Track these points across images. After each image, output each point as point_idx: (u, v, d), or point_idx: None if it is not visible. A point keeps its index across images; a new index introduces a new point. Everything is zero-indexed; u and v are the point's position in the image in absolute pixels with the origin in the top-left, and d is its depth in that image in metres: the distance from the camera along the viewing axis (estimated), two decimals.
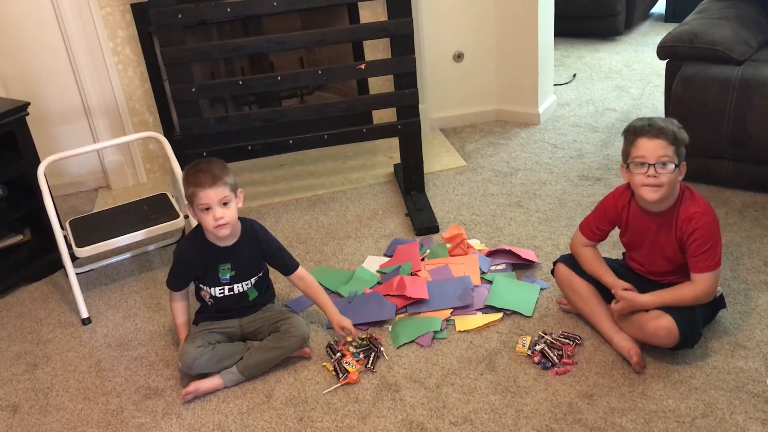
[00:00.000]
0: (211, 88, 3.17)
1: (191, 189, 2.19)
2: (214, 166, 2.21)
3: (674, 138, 2.04)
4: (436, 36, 3.76)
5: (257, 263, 2.36)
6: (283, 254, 2.41)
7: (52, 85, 3.48)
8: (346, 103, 3.20)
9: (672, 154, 2.03)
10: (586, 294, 2.28)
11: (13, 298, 2.87)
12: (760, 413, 1.94)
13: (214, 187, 2.17)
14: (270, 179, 3.60)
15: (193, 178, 2.19)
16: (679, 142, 2.05)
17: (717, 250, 2.08)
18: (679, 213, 2.10)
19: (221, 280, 2.31)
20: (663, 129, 2.04)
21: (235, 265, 2.31)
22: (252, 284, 2.36)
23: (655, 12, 5.67)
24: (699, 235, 2.06)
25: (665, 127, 2.05)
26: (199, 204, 2.18)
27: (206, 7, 2.81)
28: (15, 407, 2.29)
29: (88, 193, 3.72)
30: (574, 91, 4.29)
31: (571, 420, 1.98)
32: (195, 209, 2.21)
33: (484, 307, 2.46)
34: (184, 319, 2.40)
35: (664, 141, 2.04)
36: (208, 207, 2.18)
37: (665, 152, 2.03)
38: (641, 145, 2.06)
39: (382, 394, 2.16)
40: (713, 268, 2.07)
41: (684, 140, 2.07)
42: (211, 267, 2.29)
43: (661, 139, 2.04)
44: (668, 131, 2.04)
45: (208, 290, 2.33)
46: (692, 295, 2.09)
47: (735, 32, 3.03)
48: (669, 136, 2.03)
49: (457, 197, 3.24)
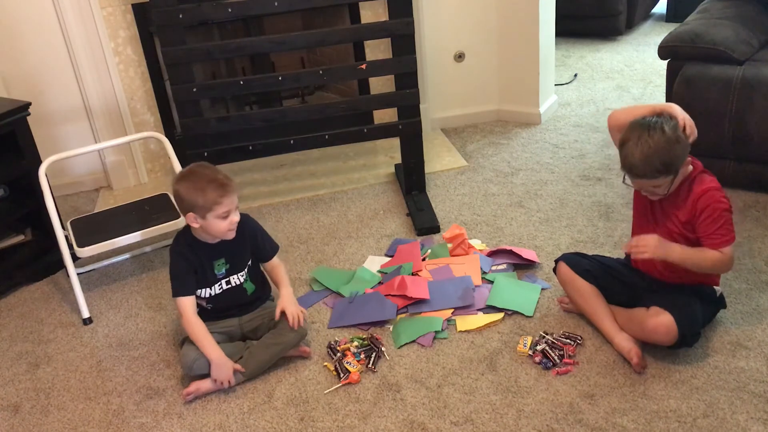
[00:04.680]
0: (212, 88, 3.17)
1: (211, 197, 2.12)
2: (216, 172, 2.18)
3: (659, 170, 1.99)
4: (437, 36, 3.76)
5: (245, 249, 2.34)
6: (264, 237, 2.39)
7: (54, 86, 3.48)
8: (347, 103, 3.20)
9: (662, 180, 2.02)
10: (588, 293, 2.28)
11: (15, 298, 2.88)
12: (761, 413, 1.94)
13: (234, 192, 2.16)
14: (271, 179, 3.60)
15: (210, 187, 2.13)
16: (670, 166, 2.00)
17: (729, 223, 2.06)
18: (692, 189, 2.09)
19: (217, 276, 2.30)
20: (644, 174, 2.01)
21: (229, 258, 2.30)
22: (246, 275, 2.35)
23: (656, 12, 5.66)
24: (709, 211, 2.05)
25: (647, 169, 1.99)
26: (221, 212, 2.15)
27: (207, 7, 2.81)
28: (16, 407, 2.29)
29: (89, 193, 3.72)
30: (575, 91, 4.29)
31: (572, 420, 1.98)
32: (207, 216, 2.15)
33: (485, 307, 2.46)
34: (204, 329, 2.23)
35: (648, 179, 2.03)
36: (228, 213, 2.17)
37: (654, 183, 2.04)
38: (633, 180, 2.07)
39: (383, 394, 2.16)
40: (729, 242, 2.06)
41: (675, 158, 2.00)
42: (206, 265, 2.28)
43: (646, 178, 2.03)
44: (650, 171, 1.99)
45: (205, 291, 2.31)
46: (712, 261, 2.07)
47: (736, 32, 3.03)
48: (653, 174, 2.00)
49: (458, 197, 3.24)
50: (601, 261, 2.35)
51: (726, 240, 2.06)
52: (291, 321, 2.25)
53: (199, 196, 2.14)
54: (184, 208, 2.20)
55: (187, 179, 2.19)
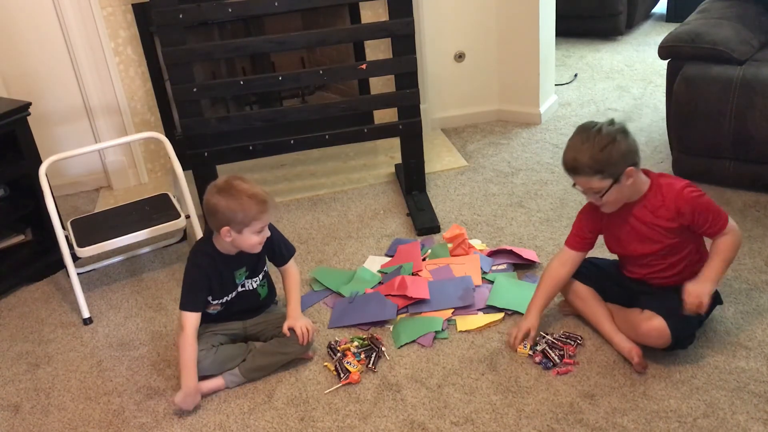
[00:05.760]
0: (212, 88, 3.17)
1: (251, 213, 2.07)
2: (253, 186, 2.12)
3: (592, 168, 1.98)
4: (437, 36, 3.76)
5: (263, 255, 2.33)
6: (280, 240, 2.37)
7: (54, 85, 3.48)
8: (347, 103, 3.20)
9: (598, 181, 2.00)
10: (586, 296, 2.29)
11: (15, 298, 2.88)
12: (761, 413, 1.94)
13: (273, 207, 2.14)
14: (271, 179, 3.60)
15: (251, 202, 2.07)
16: (603, 165, 1.97)
17: (716, 206, 2.07)
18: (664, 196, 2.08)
19: (237, 284, 2.29)
20: (575, 168, 2.00)
21: (249, 266, 2.29)
22: (260, 279, 2.34)
23: (656, 12, 5.66)
24: (697, 208, 2.05)
25: (578, 162, 1.99)
26: (258, 227, 2.11)
27: (207, 8, 2.81)
28: (16, 407, 2.29)
29: (89, 193, 3.72)
30: (575, 90, 4.29)
31: (573, 420, 1.98)
32: (244, 231, 2.10)
33: (486, 307, 2.46)
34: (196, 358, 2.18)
35: (583, 177, 2.02)
36: (263, 229, 2.14)
37: (589, 185, 2.03)
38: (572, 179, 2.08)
39: (383, 394, 2.16)
40: (726, 222, 2.07)
41: (610, 157, 1.97)
42: (227, 275, 2.25)
43: (580, 176, 2.02)
44: (582, 166, 1.98)
45: (218, 301, 2.28)
46: (731, 247, 2.07)
47: (736, 32, 3.03)
48: (585, 170, 1.99)
49: (459, 197, 3.24)
50: (596, 263, 2.35)
51: (723, 221, 2.08)
52: (301, 339, 2.23)
53: (238, 211, 2.07)
54: (218, 221, 2.11)
55: (226, 193, 2.09)
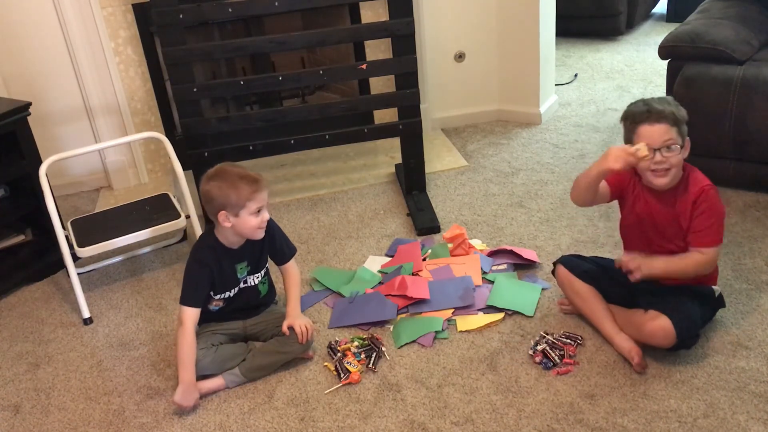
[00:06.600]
0: (212, 88, 3.17)
1: (244, 193, 2.10)
2: (244, 169, 2.16)
3: (675, 119, 2.02)
4: (437, 36, 3.76)
5: (264, 251, 2.33)
6: (282, 238, 2.38)
7: (54, 85, 3.48)
8: (347, 103, 3.20)
9: (675, 135, 2.03)
10: (587, 295, 2.28)
11: (15, 298, 2.88)
12: (761, 413, 1.94)
13: (266, 188, 2.15)
14: (271, 179, 3.60)
15: (242, 183, 2.10)
16: (680, 121, 2.03)
17: (721, 225, 2.07)
18: (688, 189, 2.09)
19: (239, 279, 2.29)
20: (662, 113, 2.02)
21: (250, 261, 2.30)
22: (262, 276, 2.34)
23: (656, 12, 5.66)
24: (706, 207, 2.05)
25: (664, 110, 2.02)
26: (254, 208, 2.13)
27: (208, 8, 2.81)
28: (17, 407, 2.29)
29: (89, 193, 3.72)
30: (575, 90, 4.29)
31: (573, 420, 1.98)
32: (241, 214, 2.12)
33: (486, 307, 2.46)
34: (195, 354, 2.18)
35: (666, 125, 2.02)
36: (260, 210, 2.15)
37: (669, 136, 2.02)
38: (643, 132, 2.03)
39: (383, 394, 2.16)
40: (717, 243, 2.07)
41: (684, 118, 2.05)
42: (228, 269, 2.26)
43: (663, 123, 2.02)
44: (668, 114, 2.02)
45: (220, 296, 2.29)
46: (695, 265, 2.08)
47: (736, 32, 3.03)
48: (669, 119, 2.01)
49: (459, 197, 3.24)
50: (598, 262, 2.34)
51: (713, 240, 2.07)
52: (300, 337, 2.23)
53: (231, 192, 2.10)
54: (215, 207, 2.14)
55: (217, 177, 2.14)
